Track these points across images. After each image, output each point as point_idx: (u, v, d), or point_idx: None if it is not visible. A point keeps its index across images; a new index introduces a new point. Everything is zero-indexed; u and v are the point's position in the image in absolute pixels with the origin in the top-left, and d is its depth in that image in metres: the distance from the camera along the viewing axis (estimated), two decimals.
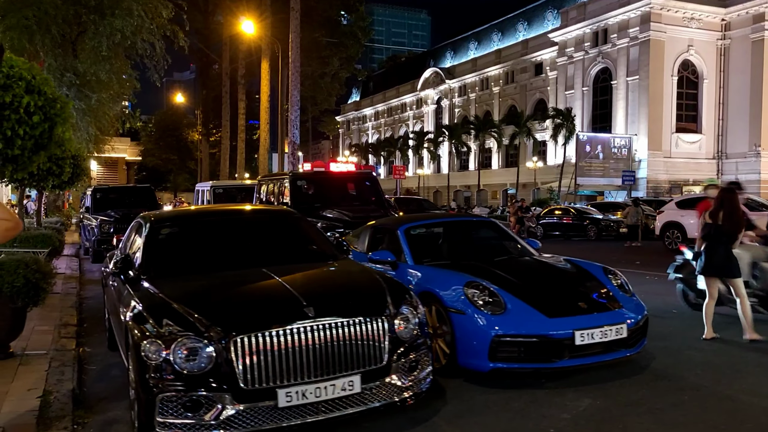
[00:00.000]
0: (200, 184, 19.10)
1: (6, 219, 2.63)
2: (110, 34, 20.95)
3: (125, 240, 6.75)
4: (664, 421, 4.37)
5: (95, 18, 20.20)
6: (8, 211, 2.72)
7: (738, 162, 40.54)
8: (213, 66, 49.05)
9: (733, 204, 6.83)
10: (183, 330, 3.95)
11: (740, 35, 40.90)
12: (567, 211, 27.48)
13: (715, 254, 6.72)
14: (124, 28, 21.44)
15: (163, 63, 24.14)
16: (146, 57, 23.62)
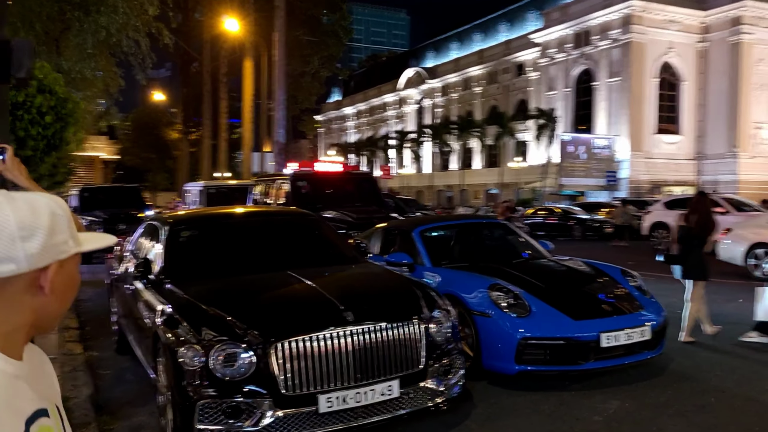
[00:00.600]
0: (190, 184, 18.87)
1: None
2: (95, 31, 20.64)
3: (134, 243, 6.63)
4: (698, 424, 4.41)
5: (80, 15, 19.90)
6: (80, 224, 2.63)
7: (716, 163, 41.16)
8: (193, 64, 48.60)
9: (705, 208, 7.11)
10: (221, 335, 3.89)
11: (719, 38, 41.52)
12: (552, 211, 27.68)
13: (689, 257, 6.94)
14: (109, 25, 21.13)
15: (148, 61, 23.90)
16: (131, 54, 23.34)
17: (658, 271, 9.88)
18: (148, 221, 6.60)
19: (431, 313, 4.42)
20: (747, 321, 7.87)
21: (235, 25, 31.68)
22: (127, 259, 6.45)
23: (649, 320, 5.41)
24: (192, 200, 16.39)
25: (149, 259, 5.14)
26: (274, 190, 12.50)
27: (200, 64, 43.84)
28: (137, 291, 5.22)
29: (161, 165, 70.35)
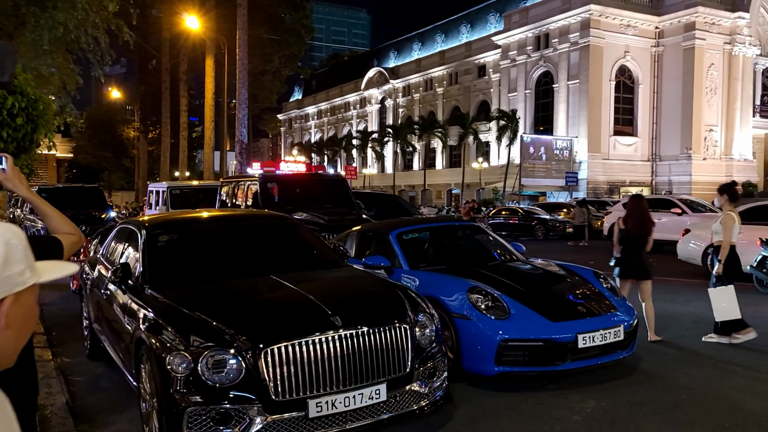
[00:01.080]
0: (154, 184, 18.51)
1: (71, 233, 2.52)
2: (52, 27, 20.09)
3: (107, 247, 6.50)
4: (672, 421, 4.56)
5: (35, 10, 19.36)
6: (72, 225, 2.61)
7: (670, 164, 42.38)
8: (151, 61, 47.72)
9: (641, 211, 7.34)
10: (209, 341, 3.87)
11: (672, 42, 42.76)
12: (515, 212, 28.10)
13: (630, 258, 7.13)
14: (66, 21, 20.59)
15: (108, 58, 23.37)
16: (89, 52, 22.78)
17: None
18: (122, 224, 6.49)
19: (416, 316, 4.47)
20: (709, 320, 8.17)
21: (196, 22, 31.22)
22: (100, 263, 6.33)
23: (621, 321, 5.57)
24: (156, 201, 16.08)
25: (127, 264, 5.06)
26: (242, 191, 12.38)
27: (158, 61, 43.05)
28: (115, 296, 5.14)
29: (117, 164, 68.86)
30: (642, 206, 7.38)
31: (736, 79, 42.52)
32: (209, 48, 35.81)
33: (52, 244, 2.43)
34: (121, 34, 22.89)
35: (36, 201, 2.52)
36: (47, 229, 2.63)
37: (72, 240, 2.51)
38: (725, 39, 42.21)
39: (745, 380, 5.54)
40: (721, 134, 42.52)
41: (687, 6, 41.07)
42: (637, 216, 7.23)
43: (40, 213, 2.56)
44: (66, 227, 2.53)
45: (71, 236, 2.51)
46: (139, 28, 39.86)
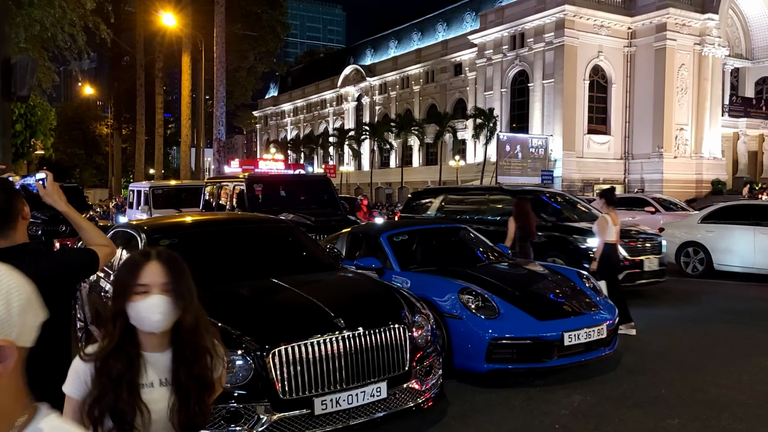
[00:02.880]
0: (136, 184, 18.42)
1: (105, 245, 2.67)
2: (28, 25, 19.89)
3: None
4: (653, 414, 4.84)
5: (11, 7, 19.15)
6: (105, 237, 2.75)
7: (643, 162, 43.19)
8: (125, 57, 47.19)
9: (524, 209, 8.81)
10: None
11: (644, 43, 43.53)
12: None
13: (520, 249, 8.35)
14: (43, 18, 20.39)
15: (85, 56, 23.17)
16: (66, 49, 22.56)
17: None
18: (118, 228, 6.59)
19: (413, 317, 4.69)
20: (683, 316, 8.53)
21: (172, 19, 31.01)
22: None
23: (604, 319, 5.85)
24: (137, 200, 16.03)
25: None
26: (227, 191, 12.47)
27: (133, 57, 42.58)
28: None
29: (89, 161, 67.94)
30: (527, 208, 8.97)
31: (705, 79, 43.46)
32: (185, 45, 35.55)
33: (89, 254, 2.58)
34: (99, 31, 22.73)
35: (73, 215, 2.65)
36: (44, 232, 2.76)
37: (106, 252, 2.66)
38: (695, 40, 43.12)
39: (721, 374, 5.85)
40: (692, 133, 43.44)
41: (658, 7, 41.86)
42: (523, 215, 8.75)
43: (75, 226, 2.69)
44: (100, 239, 2.68)
45: (105, 248, 2.66)
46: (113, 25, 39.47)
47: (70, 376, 1.79)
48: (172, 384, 1.79)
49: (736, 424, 4.62)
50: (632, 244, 9.74)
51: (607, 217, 7.75)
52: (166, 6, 31.88)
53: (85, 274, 2.72)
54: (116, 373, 1.72)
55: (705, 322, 8.11)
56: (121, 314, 1.76)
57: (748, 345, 6.95)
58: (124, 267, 1.83)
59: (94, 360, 1.75)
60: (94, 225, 2.74)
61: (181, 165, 38.52)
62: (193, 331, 1.80)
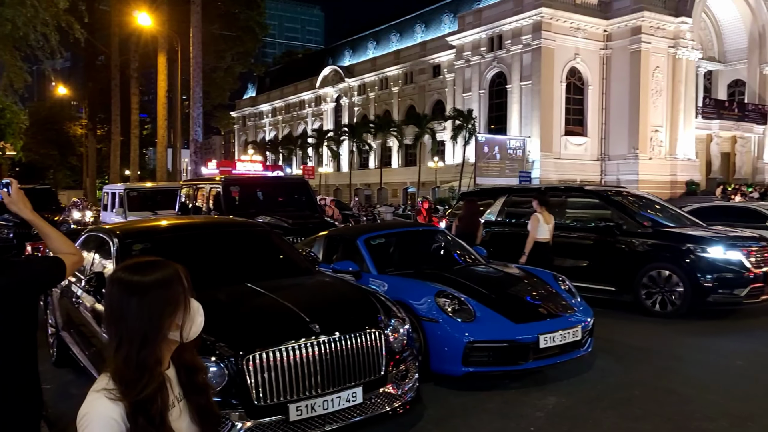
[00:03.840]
0: (110, 186, 18.16)
1: (72, 253, 2.62)
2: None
3: None
4: (627, 415, 4.90)
5: None
6: (73, 245, 2.70)
7: (619, 163, 43.70)
8: (99, 57, 46.57)
9: (471, 210, 9.39)
10: None
11: (620, 46, 44.06)
12: None
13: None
14: (15, 17, 20.05)
15: (58, 55, 22.82)
16: (38, 49, 22.21)
17: None
18: (90, 232, 6.49)
19: (389, 321, 4.68)
20: (656, 319, 8.64)
21: (147, 19, 30.66)
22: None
23: (579, 321, 5.89)
24: (110, 203, 15.81)
25: (102, 273, 5.11)
26: (203, 194, 12.35)
27: (108, 57, 42.03)
28: (89, 305, 5.19)
29: (63, 162, 66.95)
30: (472, 208, 9.51)
31: (679, 82, 44.11)
32: (161, 45, 35.20)
33: (56, 263, 2.53)
34: (72, 31, 22.42)
35: (39, 223, 2.60)
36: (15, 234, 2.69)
37: (73, 260, 2.61)
38: (669, 43, 43.74)
39: (693, 375, 5.94)
40: (666, 135, 44.05)
41: (633, 10, 42.40)
42: (468, 216, 9.35)
43: (41, 234, 2.64)
44: (67, 248, 2.63)
45: (73, 256, 2.61)
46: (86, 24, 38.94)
47: (96, 422, 1.51)
48: (185, 398, 1.72)
49: (707, 425, 4.69)
50: (753, 253, 8.43)
51: (539, 216, 8.50)
52: (142, 5, 31.49)
53: (51, 284, 2.66)
54: (155, 411, 1.56)
55: (676, 323, 8.21)
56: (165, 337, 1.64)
57: (720, 346, 7.06)
58: (167, 285, 1.64)
59: (131, 398, 1.54)
60: (60, 233, 2.69)
61: (157, 166, 38.11)
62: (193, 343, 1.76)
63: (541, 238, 8.41)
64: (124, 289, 1.62)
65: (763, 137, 49.35)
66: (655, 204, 10.36)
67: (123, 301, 1.61)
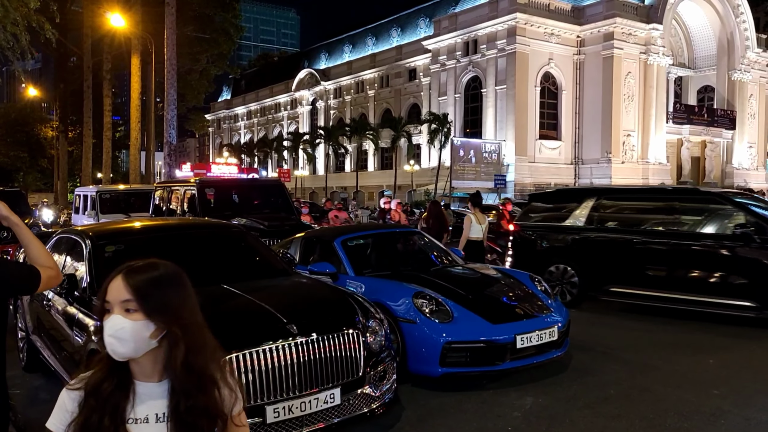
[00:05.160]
0: (82, 188, 17.85)
1: (51, 267, 2.53)
2: None
3: None
4: (603, 414, 4.93)
5: None
6: (53, 260, 2.62)
7: (592, 167, 44.29)
8: (71, 58, 45.87)
9: (438, 213, 10.31)
10: None
11: (593, 51, 44.71)
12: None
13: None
14: None
15: (28, 56, 22.42)
16: (8, 49, 21.79)
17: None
18: (62, 234, 6.37)
19: (367, 322, 4.66)
20: (633, 317, 8.74)
21: (120, 20, 30.26)
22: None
23: (555, 321, 5.93)
24: (82, 205, 15.54)
25: (74, 275, 5.01)
26: (177, 196, 12.21)
27: (80, 58, 41.39)
28: (61, 308, 5.08)
29: (33, 164, 65.75)
30: (439, 210, 10.42)
31: (651, 87, 44.87)
32: (135, 46, 34.75)
33: (32, 273, 2.43)
34: (43, 31, 22.04)
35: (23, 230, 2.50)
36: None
37: (50, 274, 2.48)
38: (641, 49, 44.49)
39: (667, 374, 6.01)
40: (638, 139, 44.76)
41: (606, 17, 43.05)
42: (435, 217, 10.12)
43: (23, 241, 2.53)
44: (47, 261, 2.52)
45: (50, 270, 2.49)
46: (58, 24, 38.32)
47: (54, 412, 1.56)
48: (171, 419, 1.55)
49: (681, 423, 4.74)
50: None
51: (471, 216, 9.33)
52: (115, 6, 31.09)
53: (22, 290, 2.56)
54: (105, 396, 1.52)
55: (650, 324, 8.32)
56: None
57: (692, 345, 7.16)
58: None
59: (84, 387, 1.54)
60: (42, 245, 2.58)
61: (130, 169, 37.59)
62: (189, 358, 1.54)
63: (474, 237, 9.12)
64: None
65: (731, 142, 50.45)
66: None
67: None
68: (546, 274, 9.19)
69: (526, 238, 10.15)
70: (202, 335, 1.59)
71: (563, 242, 9.55)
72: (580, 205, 9.67)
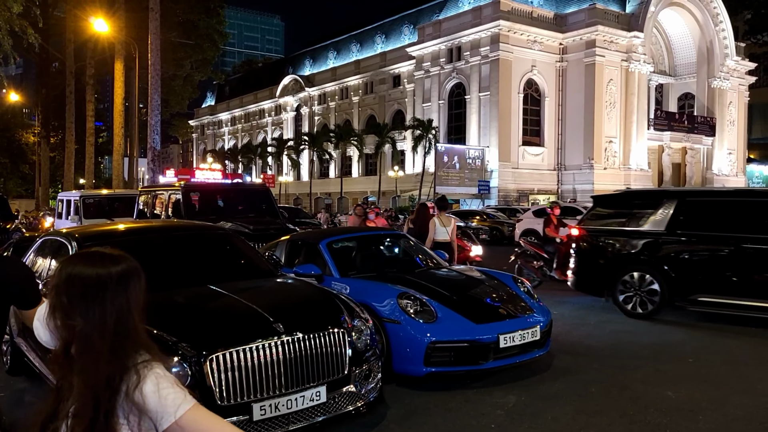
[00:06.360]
0: (65, 193, 17.73)
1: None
2: None
3: (31, 259, 6.35)
4: (585, 411, 5.03)
5: None
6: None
7: (575, 173, 44.70)
8: (53, 63, 45.54)
9: (424, 215, 10.42)
10: None
11: (575, 58, 45.20)
12: None
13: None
14: None
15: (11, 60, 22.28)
16: None
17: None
18: (47, 237, 6.37)
19: (352, 322, 4.72)
20: (615, 318, 8.88)
21: (104, 25, 30.11)
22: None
23: (538, 321, 6.03)
24: (67, 210, 15.45)
25: None
26: (162, 201, 12.20)
27: (62, 63, 41.12)
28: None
29: (15, 170, 65.09)
30: (426, 213, 10.56)
31: (632, 94, 45.42)
32: (118, 51, 34.58)
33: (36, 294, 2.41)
34: (26, 36, 21.94)
35: None
36: None
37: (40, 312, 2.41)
38: (622, 56, 45.04)
39: (647, 373, 6.12)
40: (620, 145, 45.25)
41: (588, 25, 43.57)
42: (421, 219, 10.29)
43: None
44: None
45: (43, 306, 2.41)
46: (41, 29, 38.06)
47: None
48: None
49: (661, 419, 4.85)
50: None
51: (436, 219, 9.85)
52: (98, 11, 30.92)
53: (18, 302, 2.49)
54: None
55: (631, 325, 8.45)
56: None
57: (671, 344, 7.30)
58: None
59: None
60: None
61: (113, 175, 37.34)
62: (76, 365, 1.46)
63: (440, 239, 9.65)
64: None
65: (711, 148, 51.17)
66: None
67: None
68: (620, 283, 8.87)
69: (595, 244, 9.51)
70: (95, 345, 1.46)
71: (641, 248, 8.87)
72: (657, 208, 8.96)
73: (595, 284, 9.53)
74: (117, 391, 1.45)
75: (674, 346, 7.24)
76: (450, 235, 9.84)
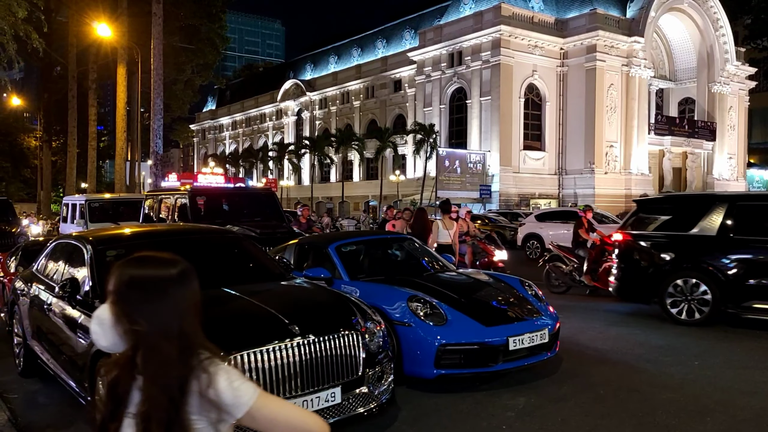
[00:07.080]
0: (70, 197, 17.81)
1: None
2: None
3: (41, 263, 6.42)
4: (593, 413, 5.09)
5: None
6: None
7: (575, 177, 44.77)
8: (56, 68, 45.69)
9: (422, 219, 10.76)
10: None
11: (576, 63, 45.31)
12: None
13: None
14: None
15: (15, 65, 22.39)
16: None
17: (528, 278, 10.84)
18: (59, 240, 6.44)
19: (365, 324, 4.79)
20: (620, 322, 8.93)
21: (107, 30, 30.23)
22: (36, 279, 6.25)
23: (546, 324, 6.09)
24: (72, 214, 15.52)
25: (76, 279, 5.10)
26: (167, 205, 12.26)
27: (64, 68, 41.25)
28: (63, 312, 5.15)
29: (17, 174, 65.25)
30: (424, 216, 10.82)
31: (633, 99, 45.52)
32: (121, 56, 34.70)
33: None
34: (30, 41, 22.03)
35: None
36: None
37: None
38: (623, 61, 45.16)
39: (654, 375, 6.18)
40: (621, 150, 45.33)
41: (589, 30, 43.70)
42: (420, 222, 10.57)
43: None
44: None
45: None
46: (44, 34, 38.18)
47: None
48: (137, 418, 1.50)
49: (669, 420, 4.91)
50: None
51: (438, 222, 10.05)
52: (101, 16, 31.05)
53: None
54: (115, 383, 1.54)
55: (636, 328, 8.51)
56: None
57: (676, 347, 7.36)
58: None
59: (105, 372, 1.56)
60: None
61: (115, 179, 37.40)
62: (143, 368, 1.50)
63: (442, 242, 9.89)
64: None
65: (712, 153, 51.24)
66: None
67: None
68: (669, 289, 8.60)
69: (640, 249, 9.22)
70: (162, 348, 1.50)
71: (691, 253, 8.65)
72: (707, 212, 8.68)
73: (642, 291, 9.17)
74: (190, 392, 1.50)
75: (679, 348, 7.30)
76: (452, 238, 10.15)
